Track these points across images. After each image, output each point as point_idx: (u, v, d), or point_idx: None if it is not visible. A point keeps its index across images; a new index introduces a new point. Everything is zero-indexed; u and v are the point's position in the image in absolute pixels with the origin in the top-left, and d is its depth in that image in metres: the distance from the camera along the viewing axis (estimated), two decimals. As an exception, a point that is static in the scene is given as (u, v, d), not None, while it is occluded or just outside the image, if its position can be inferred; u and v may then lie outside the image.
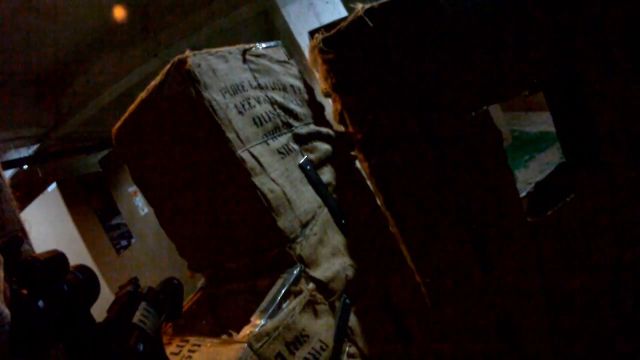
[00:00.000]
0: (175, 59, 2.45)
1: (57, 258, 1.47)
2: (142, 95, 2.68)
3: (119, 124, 2.96)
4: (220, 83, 2.49)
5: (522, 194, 3.15)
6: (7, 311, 1.36)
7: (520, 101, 9.53)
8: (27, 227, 2.39)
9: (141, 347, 1.53)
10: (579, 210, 2.80)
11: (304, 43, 7.41)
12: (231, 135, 2.37)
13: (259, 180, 2.38)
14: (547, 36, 2.69)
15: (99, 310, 1.71)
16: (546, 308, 2.88)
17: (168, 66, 2.49)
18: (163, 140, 2.72)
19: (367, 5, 2.64)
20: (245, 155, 2.38)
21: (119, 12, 7.46)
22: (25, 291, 1.33)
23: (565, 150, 3.25)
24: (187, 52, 2.46)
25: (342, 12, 7.66)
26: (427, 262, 2.83)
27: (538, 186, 3.43)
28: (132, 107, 2.79)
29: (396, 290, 2.93)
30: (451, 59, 2.63)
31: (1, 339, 1.27)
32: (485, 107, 2.67)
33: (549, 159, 7.55)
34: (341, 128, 2.95)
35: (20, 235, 2.31)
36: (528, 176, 7.30)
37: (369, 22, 2.58)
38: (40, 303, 1.32)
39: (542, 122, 9.23)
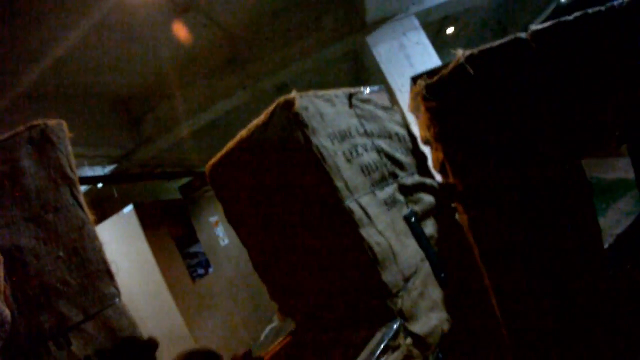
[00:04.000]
0: (282, 99, 2.42)
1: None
2: (242, 133, 2.67)
3: (214, 160, 2.96)
4: (328, 128, 2.46)
5: (605, 246, 3.07)
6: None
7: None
8: (114, 268, 2.38)
9: None
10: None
11: (395, 84, 7.44)
12: (340, 184, 2.33)
13: (366, 232, 2.32)
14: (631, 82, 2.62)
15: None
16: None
17: (273, 106, 2.46)
18: (262, 182, 2.70)
19: (468, 52, 2.61)
20: (353, 205, 2.33)
21: (206, 40, 7.60)
22: None
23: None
24: (294, 93, 2.43)
25: (431, 54, 7.67)
26: (513, 315, 2.81)
27: (618, 238, 3.33)
28: (230, 144, 2.78)
29: (484, 344, 2.84)
30: (547, 111, 2.61)
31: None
32: (578, 160, 2.64)
33: (627, 208, 7.34)
34: (439, 177, 2.91)
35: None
36: (606, 225, 7.10)
37: (470, 70, 2.55)
38: None
39: (618, 169, 9.01)
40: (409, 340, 2.35)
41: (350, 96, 2.74)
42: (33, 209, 2.19)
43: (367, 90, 2.92)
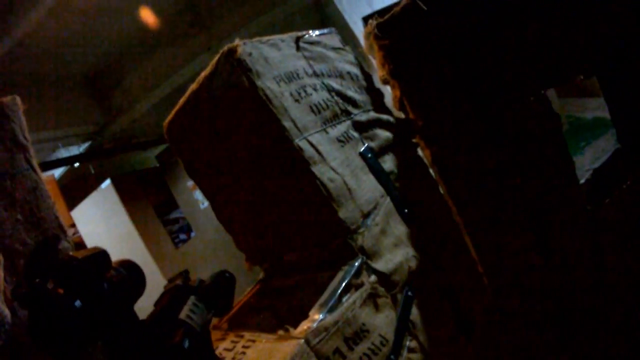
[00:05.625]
0: (225, 48, 2.42)
1: (97, 256, 1.43)
2: (193, 87, 2.66)
3: (170, 117, 2.95)
4: (273, 71, 2.43)
5: (581, 181, 3.05)
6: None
7: (574, 87, 9.34)
8: (65, 225, 2.42)
9: (187, 343, 1.49)
10: (638, 197, 2.69)
11: (359, 31, 7.23)
12: (288, 124, 2.31)
13: (318, 170, 2.30)
14: (599, 18, 2.57)
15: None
16: (603, 299, 2.77)
17: (217, 56, 2.46)
18: (216, 132, 2.69)
19: (421, -12, 2.56)
20: (303, 144, 2.31)
21: (168, 7, 7.46)
22: (62, 291, 1.31)
23: (621, 137, 3.13)
24: (237, 42, 2.41)
25: (394, -1, 7.49)
26: (489, 251, 2.78)
27: (596, 173, 3.32)
28: (182, 99, 2.77)
29: (459, 282, 2.83)
30: (506, 42, 2.54)
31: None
32: (543, 92, 2.58)
33: (605, 146, 7.33)
34: (401, 115, 2.88)
35: (57, 234, 2.32)
36: (584, 163, 7.10)
37: (422, 6, 2.50)
38: (78, 303, 1.29)
39: (596, 108, 9.00)
40: (373, 278, 2.34)
41: (297, 39, 2.71)
42: (-7, 179, 2.26)
43: (316, 32, 2.89)
